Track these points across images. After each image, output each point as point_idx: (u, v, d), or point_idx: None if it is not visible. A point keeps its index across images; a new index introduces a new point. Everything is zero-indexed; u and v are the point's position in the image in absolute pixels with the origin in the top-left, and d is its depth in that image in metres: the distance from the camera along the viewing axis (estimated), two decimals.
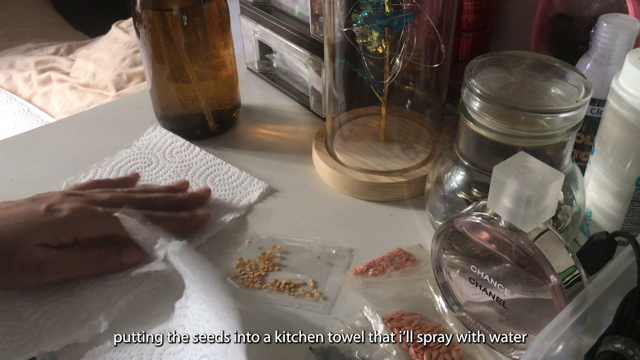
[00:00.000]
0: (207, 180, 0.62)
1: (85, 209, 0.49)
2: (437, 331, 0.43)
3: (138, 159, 0.65)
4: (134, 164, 0.64)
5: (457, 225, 0.41)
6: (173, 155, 0.65)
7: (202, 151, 0.65)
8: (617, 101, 0.43)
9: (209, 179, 0.62)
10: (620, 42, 0.46)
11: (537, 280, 0.38)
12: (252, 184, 0.61)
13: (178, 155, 0.65)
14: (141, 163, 0.64)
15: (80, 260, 0.48)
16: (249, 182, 0.61)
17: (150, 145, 0.67)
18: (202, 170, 0.63)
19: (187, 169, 0.63)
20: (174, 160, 0.64)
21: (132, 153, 0.66)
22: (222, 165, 0.64)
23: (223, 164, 0.64)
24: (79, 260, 0.48)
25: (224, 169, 0.63)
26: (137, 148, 0.66)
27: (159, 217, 0.52)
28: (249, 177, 0.62)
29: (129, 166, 0.64)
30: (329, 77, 0.61)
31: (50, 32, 1.90)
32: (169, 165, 0.64)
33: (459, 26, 0.68)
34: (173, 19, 0.60)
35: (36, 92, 1.56)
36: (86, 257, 0.48)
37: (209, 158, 0.64)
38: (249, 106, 0.75)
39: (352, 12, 0.54)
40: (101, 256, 0.49)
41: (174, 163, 0.64)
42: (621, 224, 0.47)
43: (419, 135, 0.64)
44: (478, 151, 0.47)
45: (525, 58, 0.47)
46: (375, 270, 0.49)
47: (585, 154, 0.52)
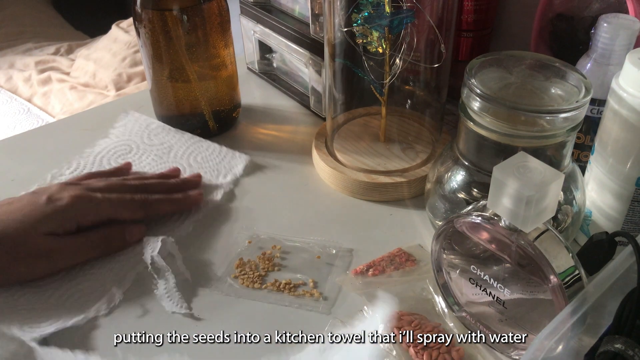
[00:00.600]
0: (190, 159, 0.63)
1: (84, 195, 0.50)
2: (437, 331, 0.43)
3: (118, 147, 0.66)
4: (115, 152, 0.65)
5: (457, 225, 0.41)
6: (152, 139, 0.67)
7: (179, 131, 0.67)
8: (617, 101, 0.43)
9: (192, 157, 0.63)
10: (621, 42, 0.46)
11: (537, 280, 0.38)
12: (234, 157, 0.63)
13: (156, 138, 0.66)
14: (122, 150, 0.66)
15: (86, 244, 0.50)
16: (231, 156, 0.64)
17: (127, 132, 0.68)
18: (184, 150, 0.64)
19: (169, 151, 0.65)
20: (153, 144, 0.66)
21: (111, 142, 0.67)
22: (201, 142, 0.65)
23: (202, 141, 0.65)
24: (85, 244, 0.50)
25: (204, 145, 0.65)
26: (115, 136, 0.68)
27: (154, 200, 0.54)
28: (230, 151, 0.64)
29: (111, 155, 0.65)
30: (329, 77, 0.61)
31: (51, 32, 1.90)
32: (150, 150, 0.65)
33: (459, 26, 0.68)
34: (173, 19, 0.60)
35: (36, 91, 1.56)
36: (92, 240, 0.50)
37: (187, 137, 0.66)
38: (249, 106, 0.75)
39: (352, 12, 0.54)
40: (105, 237, 0.51)
41: (154, 146, 0.65)
42: (621, 224, 0.47)
43: (419, 135, 0.64)
44: (478, 151, 0.47)
45: (525, 58, 0.47)
46: (375, 270, 0.49)
47: (585, 154, 0.52)
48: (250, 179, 0.62)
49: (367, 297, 0.47)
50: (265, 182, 0.62)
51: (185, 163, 0.63)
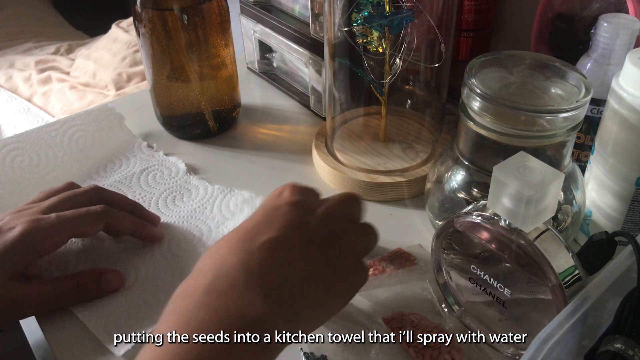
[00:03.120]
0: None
1: (34, 220, 0.45)
2: (437, 331, 0.43)
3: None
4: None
5: (457, 225, 0.41)
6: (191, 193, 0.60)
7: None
8: (617, 101, 0.43)
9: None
10: (621, 42, 0.46)
11: (537, 280, 0.38)
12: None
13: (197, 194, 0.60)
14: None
15: (55, 293, 0.45)
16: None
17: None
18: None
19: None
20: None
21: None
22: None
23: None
24: (54, 293, 0.45)
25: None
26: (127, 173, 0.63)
27: (114, 212, 0.49)
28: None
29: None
30: (329, 77, 0.61)
31: (51, 32, 1.90)
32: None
33: (459, 26, 0.68)
34: (173, 19, 0.60)
35: (36, 91, 1.56)
36: (61, 289, 0.45)
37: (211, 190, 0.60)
38: (249, 106, 0.75)
39: (352, 11, 0.54)
40: (78, 286, 0.46)
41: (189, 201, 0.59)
42: (621, 224, 0.47)
43: (419, 135, 0.64)
44: (478, 151, 0.47)
45: (525, 58, 0.47)
46: (375, 270, 0.49)
47: (585, 154, 0.52)
48: (250, 179, 0.62)
49: (367, 297, 0.47)
50: (265, 182, 0.62)
51: None
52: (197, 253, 0.52)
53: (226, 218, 0.56)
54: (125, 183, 0.61)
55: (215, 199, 0.58)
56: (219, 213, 0.56)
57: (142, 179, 0.62)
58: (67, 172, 0.61)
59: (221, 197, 0.58)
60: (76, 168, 0.62)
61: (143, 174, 0.62)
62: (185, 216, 0.56)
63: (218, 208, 0.57)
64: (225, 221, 0.55)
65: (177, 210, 0.57)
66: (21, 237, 0.44)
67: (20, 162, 0.60)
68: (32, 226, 0.44)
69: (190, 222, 0.55)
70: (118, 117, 0.68)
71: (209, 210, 0.57)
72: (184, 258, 0.51)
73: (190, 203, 0.58)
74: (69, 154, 0.62)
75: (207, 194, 0.59)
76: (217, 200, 0.58)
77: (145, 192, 0.60)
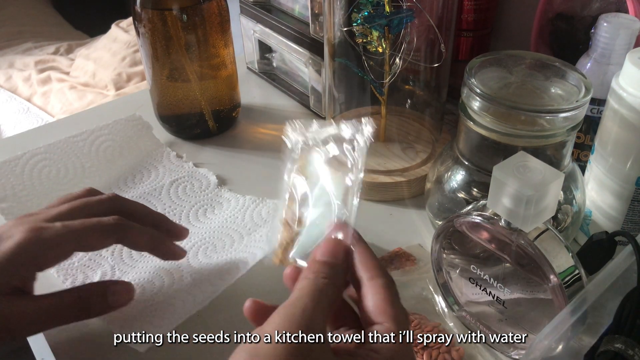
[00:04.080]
0: None
1: (37, 228, 0.39)
2: (437, 331, 0.43)
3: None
4: None
5: (457, 225, 0.41)
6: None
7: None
8: (617, 101, 0.43)
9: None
10: (621, 42, 0.46)
11: (537, 280, 0.38)
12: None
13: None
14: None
15: (55, 309, 0.40)
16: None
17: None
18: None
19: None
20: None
21: None
22: None
23: None
24: (53, 309, 0.39)
25: None
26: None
27: (129, 226, 0.43)
28: None
29: None
30: (329, 77, 0.61)
31: (50, 32, 1.90)
32: None
33: (459, 26, 0.68)
34: (173, 19, 0.60)
35: (36, 91, 1.56)
36: (61, 305, 0.40)
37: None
38: (249, 106, 0.75)
39: (352, 11, 0.54)
40: (80, 300, 0.40)
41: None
42: (621, 224, 0.47)
43: (419, 135, 0.64)
44: (478, 151, 0.47)
45: (525, 58, 0.47)
46: None
47: (585, 154, 0.52)
48: (250, 179, 0.62)
49: None
50: (264, 182, 0.62)
51: None
52: (227, 258, 0.51)
53: (258, 225, 0.55)
54: (154, 195, 0.59)
55: (246, 209, 0.57)
56: (251, 221, 0.55)
57: (172, 191, 0.60)
58: (95, 183, 0.59)
59: (252, 207, 0.57)
60: (104, 179, 0.60)
61: (173, 186, 0.60)
62: (216, 227, 0.55)
63: (250, 217, 0.56)
64: (257, 228, 0.54)
65: (208, 222, 0.56)
66: (18, 249, 0.38)
67: (47, 172, 0.58)
68: (31, 236, 0.39)
69: (221, 231, 0.55)
70: (146, 126, 0.66)
71: (240, 219, 0.56)
72: (214, 261, 0.51)
73: (221, 214, 0.57)
74: (97, 164, 0.61)
75: (239, 205, 0.58)
76: (248, 210, 0.57)
77: (175, 205, 0.58)
